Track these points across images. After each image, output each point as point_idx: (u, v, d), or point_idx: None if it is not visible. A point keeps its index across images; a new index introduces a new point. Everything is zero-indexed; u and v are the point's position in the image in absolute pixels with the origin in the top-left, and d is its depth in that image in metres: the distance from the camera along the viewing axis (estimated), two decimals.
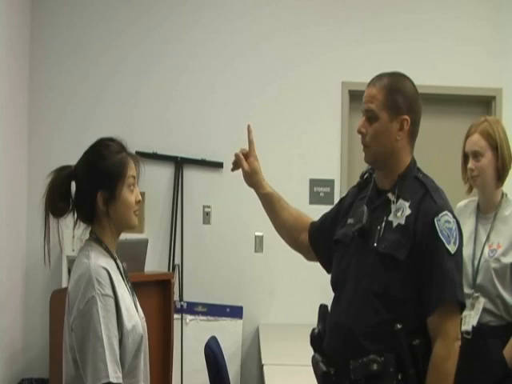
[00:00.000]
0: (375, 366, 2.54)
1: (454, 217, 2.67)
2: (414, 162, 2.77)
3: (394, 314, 2.58)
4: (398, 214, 2.65)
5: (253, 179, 3.08)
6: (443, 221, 2.61)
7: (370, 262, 2.66)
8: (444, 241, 2.59)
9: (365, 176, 2.89)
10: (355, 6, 6.12)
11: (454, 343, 2.58)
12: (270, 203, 3.08)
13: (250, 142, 3.08)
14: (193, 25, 6.04)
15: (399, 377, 2.54)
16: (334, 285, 2.83)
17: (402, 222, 2.63)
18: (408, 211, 2.64)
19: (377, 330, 2.59)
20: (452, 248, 2.60)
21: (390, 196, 2.69)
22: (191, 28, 6.04)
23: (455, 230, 2.63)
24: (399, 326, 2.54)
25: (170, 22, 6.04)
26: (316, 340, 2.82)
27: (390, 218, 2.66)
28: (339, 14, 6.11)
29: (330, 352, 2.72)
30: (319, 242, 3.00)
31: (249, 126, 3.08)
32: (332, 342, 2.73)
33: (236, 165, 3.08)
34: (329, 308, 2.85)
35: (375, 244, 2.65)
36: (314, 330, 2.84)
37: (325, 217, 3.05)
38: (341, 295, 2.75)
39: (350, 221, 2.80)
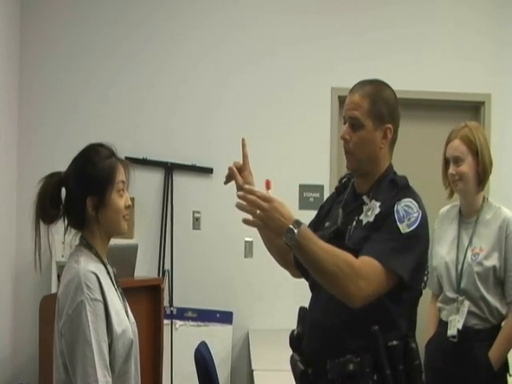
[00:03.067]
0: (351, 366, 2.56)
1: (421, 209, 2.62)
2: (391, 166, 2.80)
3: (368, 312, 2.58)
4: (369, 213, 2.68)
5: None
6: (403, 204, 2.61)
7: None
8: (396, 219, 2.58)
9: (343, 180, 2.92)
10: (346, 12, 6.14)
11: (358, 289, 2.47)
12: None
13: (245, 156, 2.99)
14: (188, 35, 6.05)
15: (375, 377, 2.56)
16: (312, 285, 2.85)
17: (371, 219, 2.66)
18: (377, 210, 2.66)
19: (353, 329, 2.60)
20: (403, 228, 2.57)
21: (365, 199, 2.73)
22: (186, 38, 6.05)
23: (415, 218, 2.59)
24: (375, 327, 2.55)
25: (169, 30, 6.05)
26: (294, 341, 2.84)
27: (361, 217, 2.70)
28: (329, 21, 6.13)
29: (308, 352, 2.75)
30: None
31: (243, 140, 3.00)
32: (310, 341, 2.75)
33: (229, 178, 3.00)
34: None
35: (346, 242, 2.67)
36: (293, 331, 2.86)
37: None
38: (318, 295, 2.78)
39: (327, 224, 2.83)
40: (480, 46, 6.17)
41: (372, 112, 2.69)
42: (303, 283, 3.01)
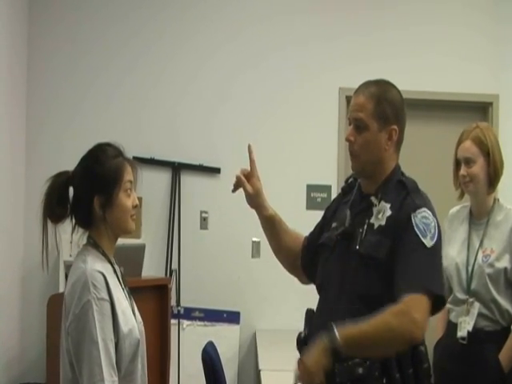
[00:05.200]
0: (360, 370, 2.53)
1: (435, 216, 2.64)
2: (398, 166, 2.78)
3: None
4: (379, 216, 2.65)
5: (256, 201, 2.95)
6: (420, 216, 2.60)
7: (353, 264, 2.66)
8: (419, 234, 2.57)
9: (349, 180, 2.90)
10: (354, 13, 6.13)
11: (415, 323, 2.46)
12: (272, 226, 2.99)
13: (252, 162, 2.95)
14: (194, 35, 6.05)
15: (384, 381, 2.54)
16: (319, 288, 2.84)
17: (383, 222, 2.64)
18: (389, 212, 2.64)
19: None
20: (428, 242, 2.57)
21: (373, 199, 2.71)
22: (193, 38, 6.06)
23: (434, 227, 2.61)
24: None
25: (176, 29, 6.06)
26: (301, 344, 2.81)
27: (372, 220, 2.67)
28: (337, 21, 6.13)
29: None
30: (310, 262, 2.96)
31: (250, 147, 2.95)
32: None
33: (237, 186, 2.95)
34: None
35: (357, 247, 2.65)
36: (300, 333, 2.84)
37: (312, 235, 3.02)
38: (325, 298, 2.76)
39: (334, 224, 2.81)
40: (488, 47, 6.15)
41: (376, 113, 2.67)
42: (311, 284, 3.01)
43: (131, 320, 2.56)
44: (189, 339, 5.68)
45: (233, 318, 5.86)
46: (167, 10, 6.07)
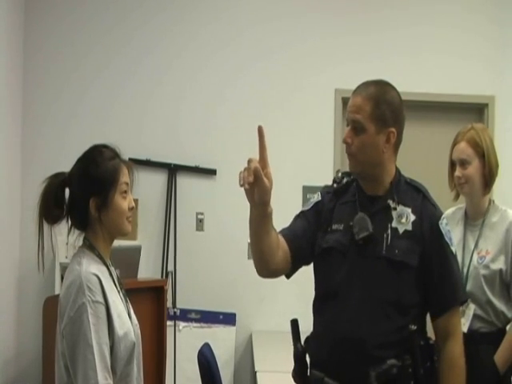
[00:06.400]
0: (395, 370, 2.56)
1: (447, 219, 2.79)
2: (398, 169, 2.79)
3: (407, 318, 2.61)
4: (403, 220, 2.65)
5: (265, 197, 2.55)
6: (444, 224, 2.69)
7: (379, 269, 2.63)
8: (449, 243, 2.68)
9: (344, 181, 2.83)
10: (349, 13, 6.14)
11: (461, 339, 2.72)
12: (268, 224, 2.65)
13: (263, 148, 2.58)
14: (192, 38, 6.05)
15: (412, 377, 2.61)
16: (330, 294, 2.72)
17: (409, 227, 2.64)
18: (412, 217, 2.65)
19: (391, 337, 2.59)
20: (454, 249, 2.71)
21: (391, 203, 2.68)
22: (190, 41, 6.05)
23: (451, 232, 2.75)
24: (414, 327, 2.59)
25: (173, 32, 6.06)
26: (302, 357, 2.78)
27: (394, 224, 2.65)
28: (333, 22, 6.13)
29: (336, 365, 2.64)
30: (302, 250, 2.80)
31: (260, 128, 2.59)
32: (339, 353, 2.63)
33: (255, 180, 2.49)
34: (310, 318, 2.80)
35: (384, 251, 2.62)
36: (297, 348, 2.78)
37: (303, 224, 2.86)
38: (343, 305, 2.66)
39: (336, 226, 2.74)
40: (484, 49, 6.16)
41: (375, 115, 2.62)
42: (307, 284, 3.00)
43: (127, 323, 2.56)
44: (185, 341, 5.68)
45: (229, 319, 5.86)
46: (164, 13, 6.05)
